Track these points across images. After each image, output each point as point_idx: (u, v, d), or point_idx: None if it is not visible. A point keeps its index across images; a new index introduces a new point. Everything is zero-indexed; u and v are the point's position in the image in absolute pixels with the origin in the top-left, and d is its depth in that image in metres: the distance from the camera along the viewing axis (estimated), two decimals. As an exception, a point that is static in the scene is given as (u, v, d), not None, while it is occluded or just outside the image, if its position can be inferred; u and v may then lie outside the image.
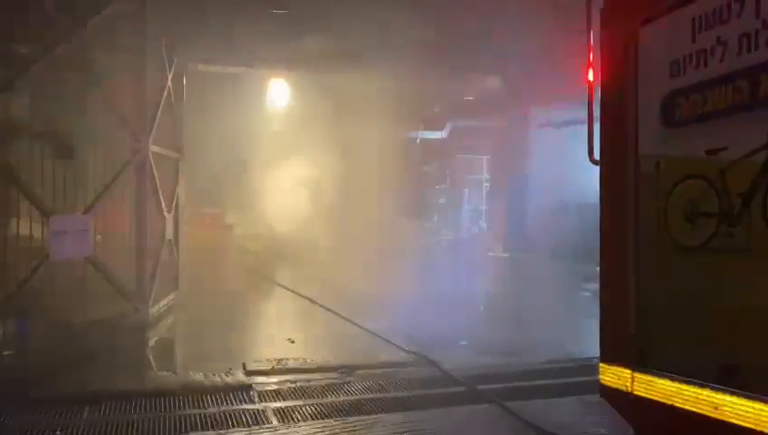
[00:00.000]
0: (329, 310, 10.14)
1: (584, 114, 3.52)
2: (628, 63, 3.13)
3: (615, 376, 3.16)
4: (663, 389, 2.87)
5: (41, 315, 7.66)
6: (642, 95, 3.06)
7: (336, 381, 6.06)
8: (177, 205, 10.80)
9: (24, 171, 7.79)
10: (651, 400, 2.94)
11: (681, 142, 2.85)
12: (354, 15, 10.94)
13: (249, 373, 6.18)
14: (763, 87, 2.49)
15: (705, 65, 2.75)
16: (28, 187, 7.75)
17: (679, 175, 2.85)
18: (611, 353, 3.22)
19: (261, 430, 4.70)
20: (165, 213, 9.81)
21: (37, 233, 7.94)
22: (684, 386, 2.77)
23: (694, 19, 2.81)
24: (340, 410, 5.15)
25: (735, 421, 2.51)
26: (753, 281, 2.50)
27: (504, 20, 10.95)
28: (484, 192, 23.16)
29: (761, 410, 2.42)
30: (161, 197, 9.53)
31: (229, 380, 5.90)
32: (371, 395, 5.62)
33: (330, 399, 5.49)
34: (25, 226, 7.94)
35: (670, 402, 2.83)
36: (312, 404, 5.30)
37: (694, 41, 2.80)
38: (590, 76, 3.49)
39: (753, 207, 2.50)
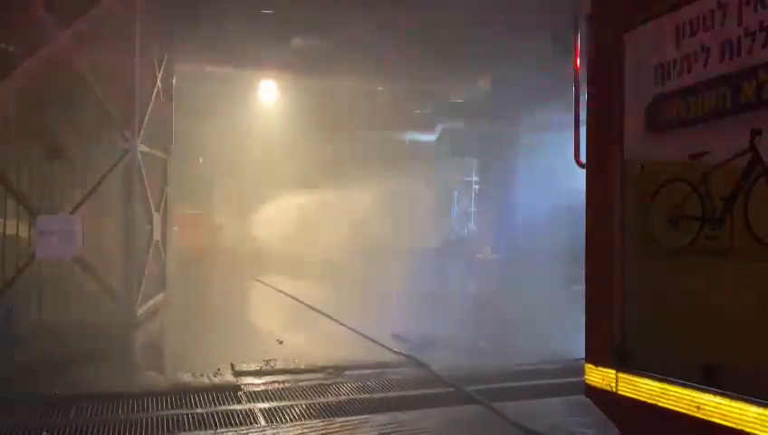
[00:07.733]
0: (316, 310, 10.16)
1: (571, 118, 3.55)
2: (613, 68, 3.17)
3: (600, 377, 3.20)
4: (647, 389, 2.91)
5: (27, 315, 7.62)
6: (628, 100, 3.10)
7: (324, 381, 6.08)
8: (165, 205, 10.77)
9: (11, 171, 7.74)
10: (636, 400, 2.97)
11: (665, 146, 2.90)
12: (344, 17, 10.97)
13: (237, 374, 6.18)
14: (745, 93, 2.54)
15: (689, 71, 2.80)
16: (15, 186, 7.71)
17: (663, 178, 2.89)
18: (596, 354, 3.26)
19: (249, 431, 4.70)
20: (153, 213, 9.78)
21: (24, 233, 7.89)
22: (667, 386, 2.80)
23: (678, 26, 2.86)
24: (328, 411, 5.16)
25: (718, 421, 2.55)
26: (734, 283, 2.55)
27: (494, 23, 11.02)
28: (473, 194, 23.25)
29: (742, 409, 2.46)
30: (149, 196, 9.50)
31: (217, 380, 5.89)
32: (359, 396, 5.64)
33: (318, 399, 5.50)
34: (12, 225, 7.89)
35: (654, 402, 2.87)
36: (300, 405, 5.31)
37: (678, 47, 2.85)
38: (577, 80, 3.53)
39: (735, 210, 2.55)
